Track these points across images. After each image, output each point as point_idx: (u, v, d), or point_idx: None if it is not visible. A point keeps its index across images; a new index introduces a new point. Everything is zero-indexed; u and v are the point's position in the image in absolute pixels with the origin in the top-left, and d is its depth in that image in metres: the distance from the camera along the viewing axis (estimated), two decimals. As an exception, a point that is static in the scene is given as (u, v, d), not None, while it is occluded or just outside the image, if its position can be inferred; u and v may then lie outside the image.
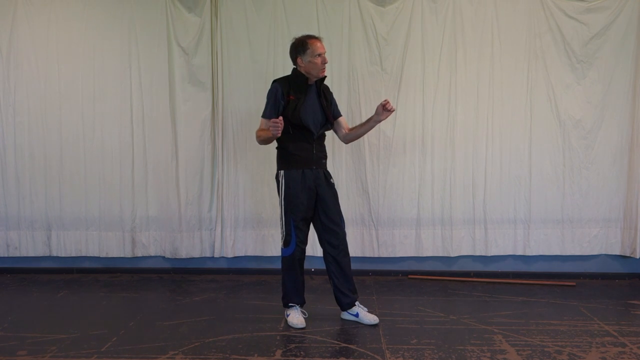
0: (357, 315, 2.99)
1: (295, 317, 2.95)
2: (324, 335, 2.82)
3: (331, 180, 3.07)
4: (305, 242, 3.00)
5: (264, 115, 2.97)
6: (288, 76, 3.02)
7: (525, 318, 3.07)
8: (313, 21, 3.86)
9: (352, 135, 3.17)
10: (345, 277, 3.01)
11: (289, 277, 3.00)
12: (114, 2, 3.90)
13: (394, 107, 3.01)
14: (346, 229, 3.97)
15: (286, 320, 2.98)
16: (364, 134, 3.19)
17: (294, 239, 2.93)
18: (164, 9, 3.88)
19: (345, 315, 3.05)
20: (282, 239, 2.99)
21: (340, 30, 3.87)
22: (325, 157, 3.08)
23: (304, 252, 3.01)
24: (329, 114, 3.02)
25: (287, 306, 3.04)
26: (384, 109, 2.95)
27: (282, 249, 2.99)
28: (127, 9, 3.89)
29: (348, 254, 3.05)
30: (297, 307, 3.02)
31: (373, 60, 3.88)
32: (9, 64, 3.94)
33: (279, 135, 2.80)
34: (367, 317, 2.97)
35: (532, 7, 3.81)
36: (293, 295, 3.02)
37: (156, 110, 3.94)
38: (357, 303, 3.03)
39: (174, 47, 3.91)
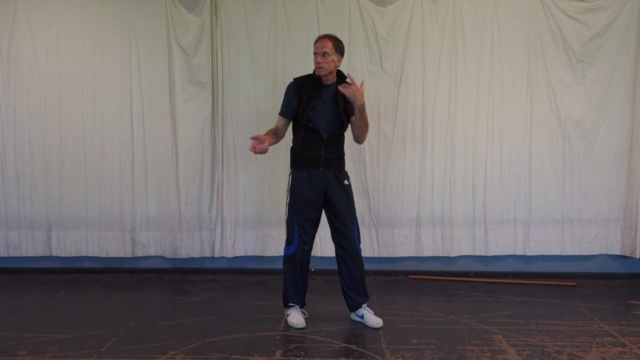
0: (362, 317, 2.99)
1: (295, 317, 2.95)
2: (324, 335, 2.82)
3: (345, 182, 2.99)
4: (308, 244, 2.97)
5: (280, 112, 3.01)
6: (308, 75, 2.99)
7: (525, 318, 3.07)
8: (313, 21, 3.86)
9: (355, 133, 3.03)
10: (353, 279, 2.98)
11: (289, 276, 2.99)
12: (114, 2, 3.90)
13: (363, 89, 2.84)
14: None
15: (286, 320, 2.98)
16: (360, 124, 2.94)
17: (296, 238, 2.93)
18: (164, 9, 3.88)
19: (352, 316, 3.06)
20: (285, 237, 2.99)
21: (340, 30, 3.86)
22: (338, 157, 2.99)
23: (307, 254, 2.98)
24: (344, 118, 2.92)
25: (287, 306, 3.04)
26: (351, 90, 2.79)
27: (284, 247, 3.00)
28: (127, 9, 3.89)
29: (359, 256, 2.99)
30: (297, 307, 3.02)
31: (373, 60, 3.88)
32: (9, 64, 3.94)
33: (263, 153, 2.86)
34: (371, 319, 2.95)
35: (532, 7, 3.81)
36: (293, 295, 3.01)
37: (156, 110, 3.94)
38: (363, 306, 3.01)
39: (174, 47, 3.90)
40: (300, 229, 2.93)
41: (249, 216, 3.99)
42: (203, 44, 3.89)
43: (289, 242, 2.97)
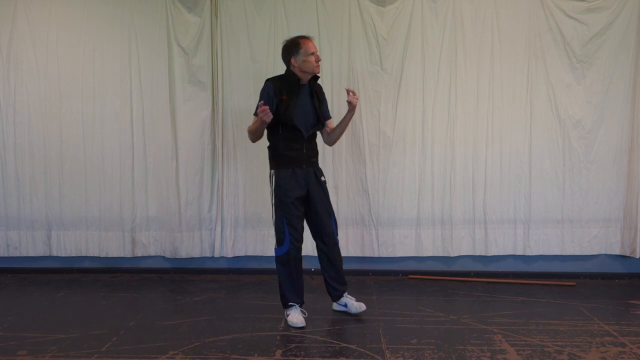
0: (345, 305, 3.08)
1: (295, 316, 2.95)
2: (324, 335, 2.82)
3: (322, 178, 3.10)
4: (300, 241, 3.00)
5: (256, 113, 2.95)
6: (281, 75, 3.03)
7: (525, 318, 3.07)
8: (313, 21, 3.86)
9: (333, 136, 3.20)
10: (335, 269, 3.09)
11: (284, 276, 3.00)
12: (113, 2, 3.90)
13: (357, 97, 3.07)
14: (346, 229, 3.99)
15: (286, 320, 2.98)
16: (342, 132, 3.19)
17: (287, 237, 2.95)
18: (164, 9, 3.88)
19: (335, 307, 3.15)
20: (275, 238, 3.00)
21: (340, 30, 3.87)
22: (316, 155, 3.11)
23: (300, 251, 3.01)
24: (321, 115, 3.05)
25: (286, 306, 3.04)
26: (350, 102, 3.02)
27: (275, 248, 3.01)
28: (127, 9, 3.90)
29: (338, 247, 3.10)
30: (297, 306, 3.02)
31: (373, 60, 3.88)
32: (9, 64, 3.94)
33: (269, 120, 2.81)
34: (354, 305, 3.05)
35: (532, 7, 3.81)
36: (291, 294, 3.02)
37: (156, 110, 3.94)
38: (345, 294, 3.12)
39: (174, 47, 3.91)
40: (290, 228, 2.95)
41: (249, 216, 3.99)
42: (203, 44, 3.89)
43: (280, 242, 2.98)
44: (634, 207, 3.87)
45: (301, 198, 3.00)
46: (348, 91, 3.02)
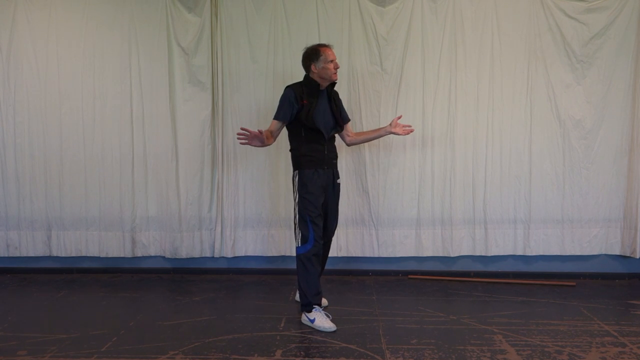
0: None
1: (324, 320, 2.91)
2: (324, 335, 2.82)
3: (338, 180, 3.20)
4: (322, 238, 3.07)
5: (276, 117, 3.07)
6: (301, 82, 3.12)
7: (525, 318, 3.07)
8: (313, 21, 3.86)
9: (358, 140, 3.44)
10: (323, 267, 3.25)
11: (308, 275, 2.98)
12: (113, 3, 3.90)
13: (410, 126, 3.36)
14: (346, 229, 4.01)
15: (302, 323, 2.95)
16: (371, 140, 3.48)
17: (311, 234, 2.98)
18: (164, 9, 3.88)
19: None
20: (297, 237, 3.02)
21: (340, 30, 3.87)
22: (336, 157, 3.22)
23: (321, 248, 3.06)
24: (339, 118, 3.17)
25: (310, 309, 2.98)
26: (398, 123, 3.31)
27: (298, 247, 3.01)
28: (127, 9, 3.90)
29: (329, 246, 3.31)
30: (319, 308, 2.99)
31: (373, 60, 3.88)
32: (9, 64, 3.94)
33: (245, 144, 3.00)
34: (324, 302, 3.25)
35: (532, 7, 3.81)
36: (314, 297, 2.98)
37: (156, 110, 3.94)
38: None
39: (174, 47, 3.91)
40: (313, 225, 2.98)
41: (249, 216, 3.99)
42: (203, 44, 3.89)
43: (304, 239, 3.00)
44: (634, 207, 3.87)
45: (321, 197, 3.06)
46: (406, 129, 3.33)
